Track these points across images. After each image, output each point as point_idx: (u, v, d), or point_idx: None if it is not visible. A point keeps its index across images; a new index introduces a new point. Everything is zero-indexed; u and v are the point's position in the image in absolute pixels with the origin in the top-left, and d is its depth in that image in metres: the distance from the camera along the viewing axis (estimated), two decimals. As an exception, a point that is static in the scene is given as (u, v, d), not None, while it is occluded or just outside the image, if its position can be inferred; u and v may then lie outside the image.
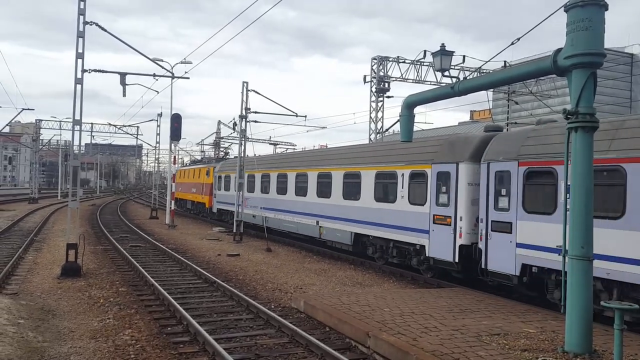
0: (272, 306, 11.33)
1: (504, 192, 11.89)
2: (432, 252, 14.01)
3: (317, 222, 19.75)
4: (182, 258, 17.41)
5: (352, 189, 17.76)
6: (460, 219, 13.19)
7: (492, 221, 12.13)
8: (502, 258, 11.80)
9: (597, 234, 8.21)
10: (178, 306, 10.46)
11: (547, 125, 11.92)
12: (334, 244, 19.25)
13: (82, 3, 15.06)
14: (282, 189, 23.00)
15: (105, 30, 18.16)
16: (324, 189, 19.50)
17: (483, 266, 12.35)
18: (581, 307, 7.44)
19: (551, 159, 10.83)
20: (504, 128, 14.36)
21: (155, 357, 8.00)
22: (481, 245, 12.40)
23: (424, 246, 14.29)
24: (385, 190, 16.09)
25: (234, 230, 24.42)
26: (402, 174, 15.25)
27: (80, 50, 15.09)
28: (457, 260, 13.20)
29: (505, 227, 11.72)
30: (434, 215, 14.00)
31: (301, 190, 21.13)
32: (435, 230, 13.92)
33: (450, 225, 13.44)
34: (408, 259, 15.39)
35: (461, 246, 13.10)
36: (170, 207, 31.04)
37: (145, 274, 14.12)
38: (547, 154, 10.95)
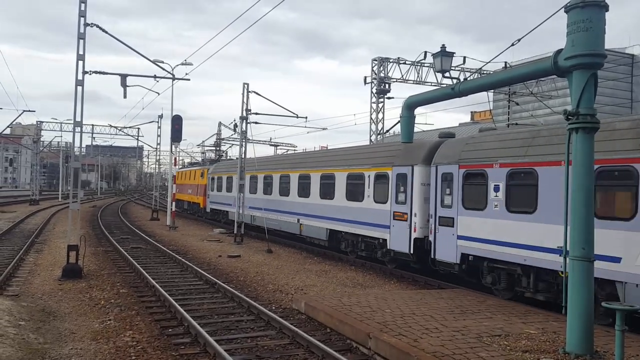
0: (273, 307, 11.33)
1: (448, 191, 13.47)
2: (393, 245, 15.51)
3: (298, 220, 21.10)
4: (183, 259, 17.41)
5: (327, 189, 19.33)
6: (415, 215, 14.71)
7: (439, 217, 13.69)
8: (446, 249, 13.39)
9: (518, 227, 11.24)
10: (179, 307, 10.46)
11: (482, 133, 13.73)
12: (312, 239, 20.59)
13: (82, 5, 15.07)
14: (267, 190, 24.71)
15: (106, 32, 18.18)
16: (304, 190, 21.00)
17: (432, 256, 13.86)
18: (582, 308, 7.43)
19: (483, 163, 12.43)
20: (456, 134, 16.30)
21: (156, 359, 8.01)
22: (431, 238, 13.95)
23: (386, 240, 15.86)
24: (355, 190, 17.58)
25: (235, 232, 24.43)
26: (369, 176, 16.83)
27: (81, 52, 15.11)
28: (412, 251, 14.77)
29: (449, 222, 13.35)
30: (393, 212, 15.54)
31: (284, 191, 22.75)
32: (395, 225, 15.45)
33: (406, 221, 14.95)
34: (374, 252, 16.79)
35: (415, 239, 14.63)
36: (171, 209, 31.07)
37: (146, 275, 14.12)
38: (480, 158, 12.57)
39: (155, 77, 26.59)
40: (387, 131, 29.59)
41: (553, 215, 10.39)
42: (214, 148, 58.79)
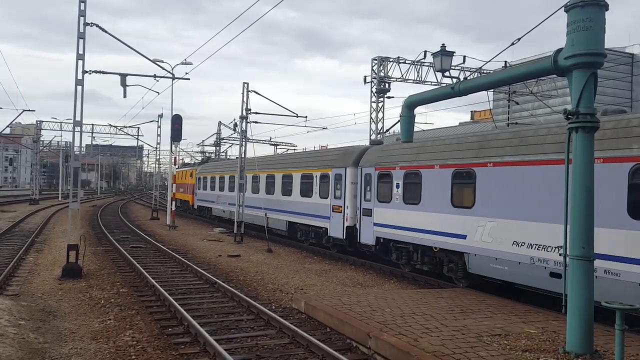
0: (273, 307, 11.33)
1: (368, 188, 17.04)
2: (332, 233, 19.12)
3: (265, 214, 24.62)
4: (182, 259, 17.41)
5: (287, 188, 22.81)
6: (347, 208, 18.17)
7: (362, 208, 17.37)
8: (367, 234, 17.02)
9: (410, 215, 14.90)
10: (179, 307, 10.46)
11: (391, 143, 17.57)
12: (277, 230, 24.08)
13: (82, 4, 15.07)
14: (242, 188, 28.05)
15: (106, 32, 18.18)
16: (270, 188, 24.66)
17: (358, 240, 17.51)
18: (582, 307, 7.43)
19: (390, 166, 16.00)
20: (385, 142, 20.36)
21: (156, 358, 8.01)
22: (358, 226, 17.57)
23: (327, 228, 19.40)
24: (306, 188, 20.95)
25: (235, 231, 24.43)
26: (316, 176, 20.29)
27: (80, 52, 15.10)
28: (345, 237, 18.24)
29: (369, 213, 16.95)
30: (332, 205, 19.06)
31: (255, 189, 26.39)
32: (333, 216, 18.98)
33: (341, 212, 18.48)
34: (321, 239, 20.25)
35: (347, 227, 18.11)
36: (171, 208, 31.07)
37: (146, 274, 14.12)
38: (389, 162, 16.14)
39: (155, 76, 26.56)
40: (387, 130, 29.56)
41: (431, 205, 14.10)
42: (213, 147, 58.80)
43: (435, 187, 13.96)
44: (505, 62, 26.75)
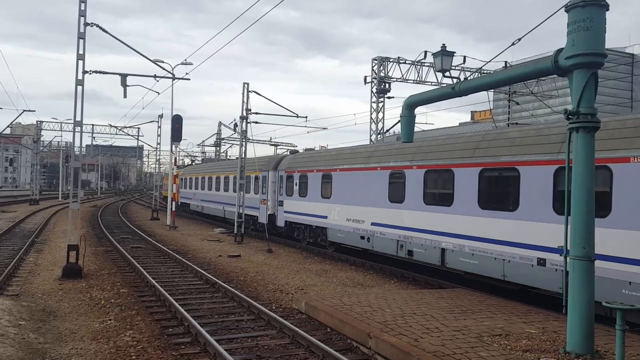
0: (273, 307, 11.33)
1: (281, 185, 23.86)
2: (260, 219, 25.99)
3: (223, 207, 31.98)
4: (183, 259, 17.41)
5: (324, 188, 28.16)
6: (269, 201, 24.94)
7: (278, 200, 24.15)
8: (280, 219, 23.86)
9: (305, 204, 21.38)
10: (179, 307, 10.46)
11: (298, 154, 25.04)
12: (232, 220, 28.27)
13: (82, 4, 15.06)
14: (204, 187, 37.34)
15: (106, 32, 18.18)
16: (227, 187, 31.54)
17: (275, 224, 24.19)
18: (583, 307, 7.42)
19: (292, 170, 22.80)
20: (303, 150, 27.55)
21: (157, 358, 8.00)
22: (275, 213, 24.32)
23: (257, 216, 26.40)
24: (248, 187, 27.39)
25: (235, 231, 24.44)
26: (254, 177, 26.87)
27: (81, 52, 15.10)
28: (267, 222, 24.54)
29: (281, 204, 23.76)
30: (261, 199, 25.84)
31: (217, 188, 33.73)
32: (261, 207, 25.83)
33: (265, 204, 25.22)
34: (256, 225, 26.96)
35: (269, 215, 24.76)
36: (171, 208, 31.07)
37: (147, 275, 14.12)
38: (292, 167, 22.95)
39: (155, 76, 26.57)
40: (387, 131, 29.55)
41: (312, 197, 20.71)
42: (214, 147, 58.81)
43: (313, 184, 20.79)
44: (506, 62, 26.73)
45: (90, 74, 20.90)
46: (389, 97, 28.07)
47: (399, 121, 12.37)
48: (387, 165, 16.14)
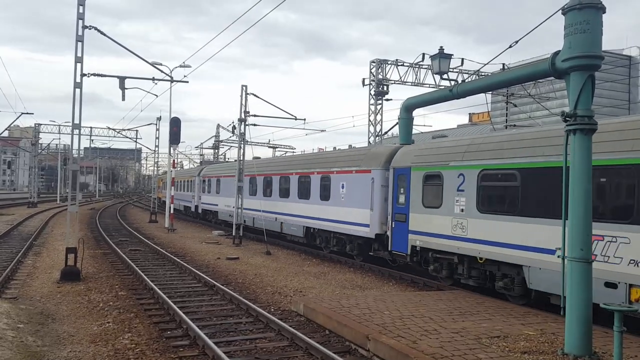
0: (272, 309, 11.33)
1: (205, 186, 35.91)
2: (192, 209, 38.89)
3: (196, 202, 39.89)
4: (181, 262, 17.39)
5: (216, 188, 34.62)
6: (199, 198, 36.89)
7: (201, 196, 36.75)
8: (204, 207, 36.35)
9: (269, 204, 25.21)
10: (177, 310, 10.45)
11: (215, 164, 40.16)
12: (206, 214, 37.29)
13: (81, 7, 15.07)
14: (183, 189, 45.14)
15: (105, 35, 18.19)
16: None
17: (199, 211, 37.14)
18: (581, 309, 7.44)
19: (210, 175, 34.76)
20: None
21: (155, 361, 7.99)
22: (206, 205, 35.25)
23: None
24: (188, 187, 38.70)
25: (233, 234, 24.43)
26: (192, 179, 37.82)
27: (79, 55, 15.10)
28: (201, 212, 37.04)
29: (200, 197, 37.08)
30: (199, 197, 37.11)
31: (189, 189, 41.63)
32: (194, 202, 38.47)
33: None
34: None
35: (200, 207, 37.00)
36: (170, 211, 31.05)
37: (145, 277, 14.11)
38: (210, 174, 34.86)
39: (153, 79, 26.54)
40: (386, 133, 29.59)
41: (275, 196, 24.39)
42: (212, 150, 58.77)
43: (227, 185, 30.42)
44: (504, 64, 26.80)
45: (88, 76, 20.87)
46: (387, 100, 28.12)
47: (397, 123, 12.41)
48: (264, 173, 26.04)
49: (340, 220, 18.59)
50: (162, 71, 27.05)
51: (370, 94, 27.81)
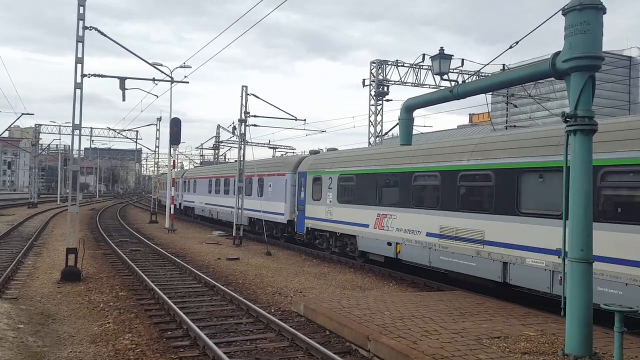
0: (272, 310, 11.33)
1: (187, 186, 42.85)
2: (196, 211, 39.46)
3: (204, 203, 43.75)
4: (181, 262, 17.40)
5: (194, 188, 40.17)
6: (180, 196, 42.91)
7: (184, 194, 43.84)
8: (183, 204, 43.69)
9: (209, 199, 36.12)
10: (178, 310, 10.45)
11: (189, 170, 48.38)
12: (187, 210, 43.05)
13: (81, 8, 15.08)
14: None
15: (105, 35, 18.20)
16: (189, 188, 41.67)
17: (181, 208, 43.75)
18: (581, 309, 7.44)
19: (191, 177, 42.32)
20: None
21: (156, 362, 7.99)
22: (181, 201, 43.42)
23: (194, 208, 39.84)
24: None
25: (234, 234, 24.43)
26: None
27: (79, 55, 15.11)
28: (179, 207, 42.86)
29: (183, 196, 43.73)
30: (182, 195, 43.40)
31: (175, 189, 43.45)
32: (185, 198, 43.85)
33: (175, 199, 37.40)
34: (193, 213, 40.16)
35: (182, 205, 43.40)
36: (170, 211, 31.05)
37: (145, 278, 14.11)
38: (191, 176, 42.41)
39: (154, 80, 26.54)
40: (386, 133, 29.60)
41: (200, 193, 37.05)
42: (212, 150, 58.76)
43: (202, 185, 36.75)
44: (504, 65, 26.81)
45: (89, 77, 20.87)
46: (387, 100, 28.13)
47: (397, 124, 12.41)
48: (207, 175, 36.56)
49: (268, 211, 24.62)
50: (162, 72, 27.08)
51: (370, 94, 27.82)
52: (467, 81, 18.87)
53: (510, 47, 9.22)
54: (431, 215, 13.94)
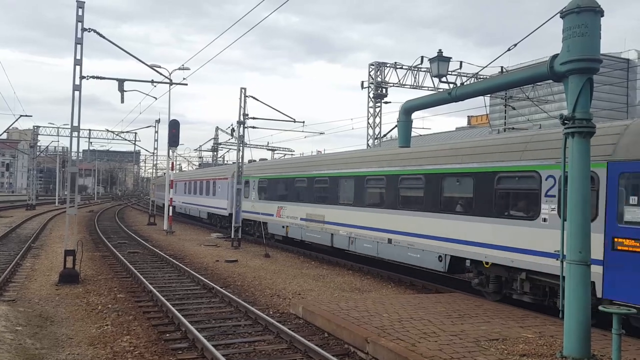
0: (271, 312, 11.32)
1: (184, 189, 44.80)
2: (177, 209, 42.72)
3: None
4: (180, 264, 17.38)
5: (175, 189, 40.72)
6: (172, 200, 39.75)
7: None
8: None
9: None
10: (176, 312, 10.45)
11: (175, 174, 44.66)
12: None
13: (80, 10, 15.09)
14: (162, 190, 49.12)
15: (104, 37, 18.19)
16: (176, 190, 42.09)
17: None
18: (579, 311, 7.44)
19: (177, 180, 43.14)
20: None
21: (154, 364, 7.98)
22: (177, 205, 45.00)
23: (175, 207, 40.59)
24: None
25: (232, 236, 24.42)
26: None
27: (78, 57, 15.11)
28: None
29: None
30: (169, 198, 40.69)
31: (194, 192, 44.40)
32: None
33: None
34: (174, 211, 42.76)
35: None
36: (168, 213, 31.03)
37: (144, 280, 14.10)
38: (179, 179, 44.38)
39: (152, 82, 26.51)
40: (384, 135, 29.62)
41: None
42: (211, 152, 58.77)
43: (180, 187, 42.52)
44: (502, 67, 26.84)
45: (87, 79, 20.85)
46: (385, 102, 28.15)
47: (395, 126, 12.43)
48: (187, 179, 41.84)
49: (218, 207, 32.05)
50: (161, 74, 27.12)
51: (369, 96, 27.84)
52: (465, 83, 18.91)
53: (509, 50, 9.24)
54: (302, 206, 20.93)
